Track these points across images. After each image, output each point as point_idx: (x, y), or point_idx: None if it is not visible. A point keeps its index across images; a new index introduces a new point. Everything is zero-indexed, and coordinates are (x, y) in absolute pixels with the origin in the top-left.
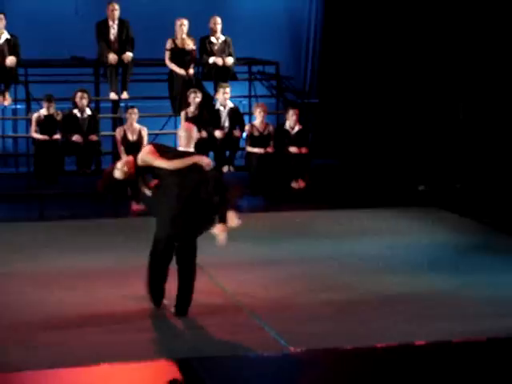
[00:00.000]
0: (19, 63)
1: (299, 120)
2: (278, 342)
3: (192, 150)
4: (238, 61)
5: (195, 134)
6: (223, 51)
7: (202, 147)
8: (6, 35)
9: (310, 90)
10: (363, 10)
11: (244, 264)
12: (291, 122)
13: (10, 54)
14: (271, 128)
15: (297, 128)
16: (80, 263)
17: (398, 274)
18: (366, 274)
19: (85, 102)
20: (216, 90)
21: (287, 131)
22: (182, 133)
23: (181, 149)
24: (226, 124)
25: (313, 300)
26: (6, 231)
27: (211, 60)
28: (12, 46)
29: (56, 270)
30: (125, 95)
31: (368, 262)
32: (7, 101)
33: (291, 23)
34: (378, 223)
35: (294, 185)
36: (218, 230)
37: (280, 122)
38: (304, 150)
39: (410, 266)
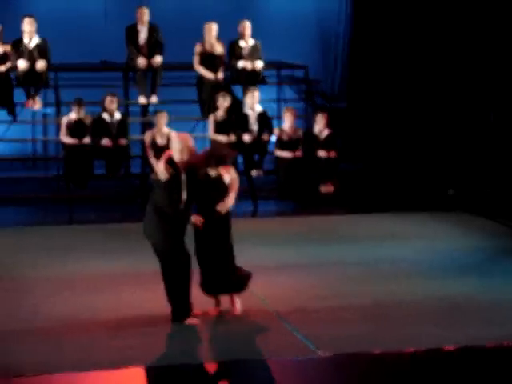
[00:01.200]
0: (49, 67)
1: (328, 124)
2: (306, 345)
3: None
4: (266, 65)
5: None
6: (252, 55)
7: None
8: (36, 39)
9: (339, 94)
10: (393, 13)
11: (272, 268)
12: (320, 126)
13: (41, 59)
14: (300, 132)
15: (326, 132)
16: (108, 267)
17: (426, 278)
18: (394, 279)
19: (114, 105)
20: (245, 94)
21: (316, 135)
22: (176, 144)
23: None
24: (255, 128)
25: (341, 304)
26: (36, 234)
27: (240, 64)
28: (42, 50)
29: (84, 273)
30: (154, 99)
31: (396, 266)
32: (37, 105)
33: (320, 27)
34: (406, 227)
35: (323, 189)
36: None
37: (309, 126)
38: (332, 154)
39: (438, 271)
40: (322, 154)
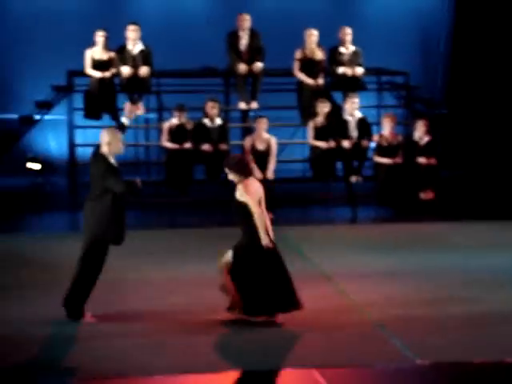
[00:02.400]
0: (152, 73)
1: (428, 131)
2: (405, 354)
3: None
4: (367, 71)
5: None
6: (353, 61)
7: (330, 157)
8: (140, 46)
9: (440, 100)
10: (497, 14)
11: (371, 275)
12: (420, 133)
13: (144, 65)
14: (400, 138)
15: (426, 139)
16: (207, 270)
17: None
18: (495, 288)
19: (215, 111)
20: (344, 100)
21: (416, 142)
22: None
23: None
24: (354, 134)
25: (440, 312)
26: (137, 238)
27: (340, 70)
28: (145, 56)
29: (184, 276)
30: (254, 105)
31: (498, 275)
32: (140, 110)
33: (421, 33)
34: (507, 236)
35: (423, 196)
36: None
37: (409, 133)
38: (433, 161)
39: None
40: (421, 160)
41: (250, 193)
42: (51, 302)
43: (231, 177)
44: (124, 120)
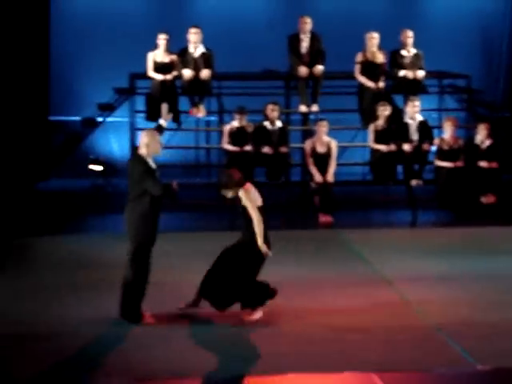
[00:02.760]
0: (213, 76)
1: (490, 134)
2: (465, 358)
3: None
4: (428, 74)
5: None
6: (414, 65)
7: (390, 160)
8: (201, 49)
9: (502, 104)
10: None
11: (431, 279)
12: (482, 137)
13: (205, 67)
14: (461, 142)
15: (487, 142)
16: (265, 273)
17: None
18: None
19: (275, 114)
20: (405, 104)
21: (477, 145)
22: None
23: None
24: (415, 137)
25: (501, 317)
26: (197, 240)
27: (401, 73)
28: (207, 59)
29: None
30: (315, 108)
31: None
32: (201, 113)
33: (483, 36)
34: None
35: (484, 200)
36: None
37: (470, 136)
38: (494, 165)
39: None
40: (483, 164)
41: (249, 197)
42: (108, 301)
43: (232, 194)
44: (161, 122)
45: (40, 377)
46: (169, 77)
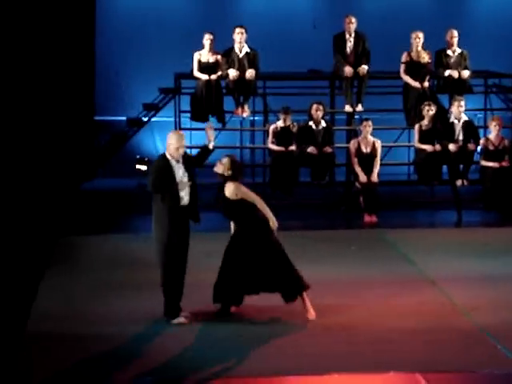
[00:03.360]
0: (258, 76)
1: None
2: (510, 359)
3: None
4: (473, 73)
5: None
6: (459, 64)
7: (435, 160)
8: (246, 49)
9: None
10: None
11: (476, 279)
12: None
13: (250, 67)
14: (506, 142)
15: None
16: (311, 273)
17: None
18: None
19: (320, 114)
20: (451, 103)
21: None
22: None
23: None
24: (460, 137)
25: None
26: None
27: (447, 73)
28: (252, 59)
29: None
30: (360, 107)
31: None
32: (246, 113)
33: None
34: None
35: None
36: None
37: None
38: None
39: None
40: None
41: (243, 188)
42: (150, 301)
43: (222, 171)
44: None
45: (84, 375)
46: (213, 77)
